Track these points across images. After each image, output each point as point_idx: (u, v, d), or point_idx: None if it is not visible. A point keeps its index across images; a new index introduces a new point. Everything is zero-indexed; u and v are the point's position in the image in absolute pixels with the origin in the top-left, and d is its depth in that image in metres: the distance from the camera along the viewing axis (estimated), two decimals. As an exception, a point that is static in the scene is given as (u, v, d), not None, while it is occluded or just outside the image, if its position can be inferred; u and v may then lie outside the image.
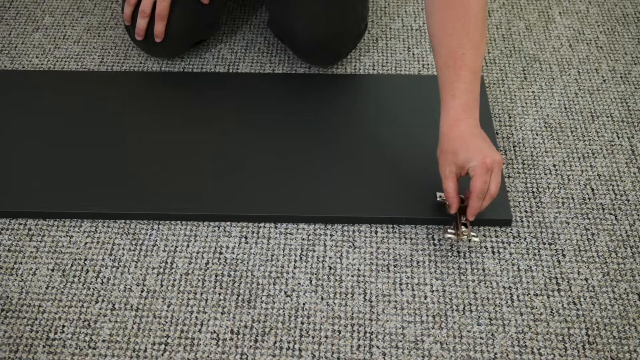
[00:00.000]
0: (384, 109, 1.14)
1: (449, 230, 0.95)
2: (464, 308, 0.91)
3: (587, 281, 0.94)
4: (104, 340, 0.88)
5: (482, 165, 0.90)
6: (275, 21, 1.21)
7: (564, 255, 0.97)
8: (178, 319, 0.90)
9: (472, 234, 0.95)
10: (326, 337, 0.89)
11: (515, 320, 0.90)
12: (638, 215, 1.01)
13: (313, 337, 0.88)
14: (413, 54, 1.25)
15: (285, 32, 1.18)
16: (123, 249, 0.98)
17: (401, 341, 0.88)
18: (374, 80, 1.20)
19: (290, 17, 1.15)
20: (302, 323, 0.90)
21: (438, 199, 1.00)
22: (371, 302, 0.92)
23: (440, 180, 0.94)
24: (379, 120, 1.13)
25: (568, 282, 0.94)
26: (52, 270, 0.95)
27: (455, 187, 0.94)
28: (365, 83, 1.19)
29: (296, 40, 1.16)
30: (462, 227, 0.95)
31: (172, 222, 1.00)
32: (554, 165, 1.08)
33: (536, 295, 0.92)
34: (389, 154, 1.07)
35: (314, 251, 0.97)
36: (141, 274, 0.95)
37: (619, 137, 1.11)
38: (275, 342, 0.88)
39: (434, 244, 0.98)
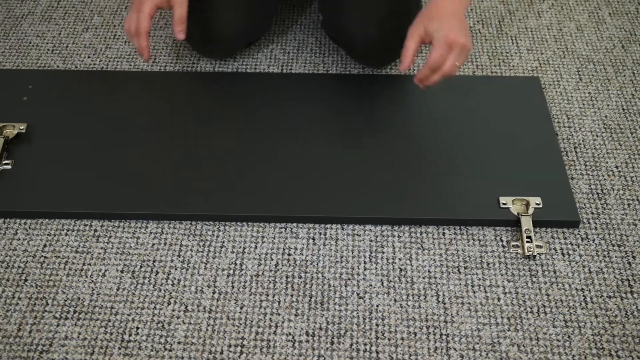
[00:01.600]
0: (441, 110, 1.14)
1: (512, 244, 0.96)
2: (538, 310, 0.91)
3: (659, 283, 0.94)
4: (179, 342, 0.88)
5: (444, 38, 0.95)
6: (329, 23, 1.20)
7: (634, 257, 0.96)
8: (252, 321, 0.90)
9: (537, 244, 0.96)
10: (402, 339, 0.88)
11: (591, 322, 0.90)
12: None
13: (389, 340, 0.88)
14: (466, 55, 1.25)
15: (340, 33, 1.18)
16: (191, 250, 0.97)
17: (477, 343, 0.88)
18: (430, 81, 1.20)
19: (344, 19, 1.14)
20: (377, 325, 0.90)
21: (501, 205, 1.00)
22: (444, 304, 0.92)
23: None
24: (437, 120, 1.12)
25: (640, 284, 0.94)
26: (122, 271, 0.95)
27: (413, 48, 0.98)
28: (421, 84, 1.19)
29: (351, 42, 1.16)
30: (527, 240, 0.95)
31: (238, 223, 1.00)
32: (617, 167, 1.07)
33: (609, 297, 0.92)
34: (451, 155, 1.07)
35: (383, 252, 0.97)
36: (211, 276, 0.94)
37: (679, 139, 1.11)
38: (351, 344, 0.88)
39: (503, 246, 0.98)
